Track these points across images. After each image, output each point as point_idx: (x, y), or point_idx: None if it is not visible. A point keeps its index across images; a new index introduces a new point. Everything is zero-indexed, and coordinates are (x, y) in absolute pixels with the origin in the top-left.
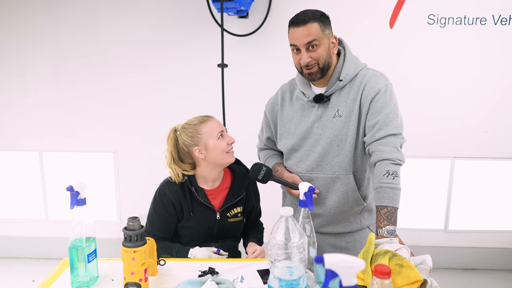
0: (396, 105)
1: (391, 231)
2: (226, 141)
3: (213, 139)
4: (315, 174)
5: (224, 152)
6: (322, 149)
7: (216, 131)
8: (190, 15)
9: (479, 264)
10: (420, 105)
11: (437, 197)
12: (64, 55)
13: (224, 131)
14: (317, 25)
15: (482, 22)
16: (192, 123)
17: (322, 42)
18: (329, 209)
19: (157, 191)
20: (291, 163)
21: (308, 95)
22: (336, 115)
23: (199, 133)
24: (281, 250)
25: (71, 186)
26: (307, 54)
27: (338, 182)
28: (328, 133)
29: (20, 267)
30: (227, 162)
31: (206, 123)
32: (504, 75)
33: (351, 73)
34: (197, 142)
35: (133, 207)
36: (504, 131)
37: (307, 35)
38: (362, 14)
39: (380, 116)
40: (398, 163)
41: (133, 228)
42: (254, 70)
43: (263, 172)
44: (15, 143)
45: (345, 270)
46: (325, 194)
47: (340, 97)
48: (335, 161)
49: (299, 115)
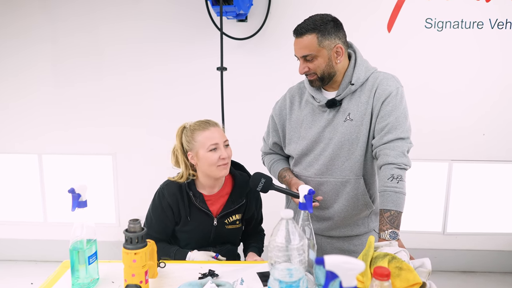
0: (405, 108)
1: (394, 234)
2: (218, 155)
3: (204, 149)
4: (325, 178)
5: (213, 165)
6: (332, 153)
7: (210, 142)
8: (190, 18)
9: (477, 267)
10: (418, 108)
11: (435, 200)
12: (62, 55)
13: (220, 144)
14: (313, 37)
15: (479, 26)
16: (192, 127)
17: (320, 54)
18: (338, 213)
19: (156, 193)
20: (301, 168)
21: (319, 99)
22: (347, 118)
23: (194, 140)
24: (281, 252)
25: (72, 189)
26: (304, 64)
27: (348, 186)
28: (339, 137)
29: (18, 270)
30: (216, 176)
31: (203, 131)
32: (501, 78)
33: (362, 76)
34: (191, 147)
35: (132, 209)
36: (501, 134)
37: (302, 48)
38: (360, 18)
39: (389, 119)
40: (403, 168)
41: (134, 230)
42: (253, 73)
43: (262, 184)
44: (14, 146)
45: (345, 272)
46: (334, 198)
47: (351, 100)
48: (345, 165)
49: (309, 120)
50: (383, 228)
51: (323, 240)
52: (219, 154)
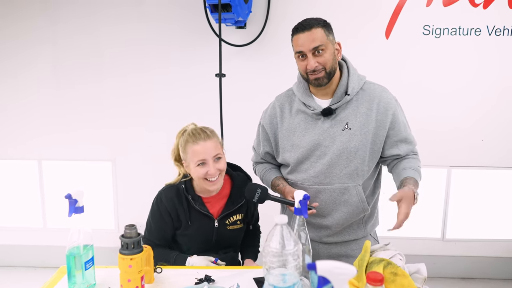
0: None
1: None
2: (205, 170)
3: (193, 163)
4: (323, 186)
5: (201, 179)
6: (331, 161)
7: (197, 158)
8: (190, 22)
9: (476, 273)
10: (415, 114)
11: (434, 206)
12: (62, 57)
13: (209, 160)
14: (321, 30)
15: (476, 32)
16: (186, 138)
17: (328, 47)
18: (337, 220)
19: (155, 199)
20: (298, 175)
21: (313, 107)
22: (346, 128)
23: (186, 151)
24: (276, 258)
25: (69, 194)
26: (314, 59)
27: (346, 193)
28: (337, 145)
29: (17, 276)
30: (206, 188)
31: (193, 144)
32: (500, 85)
33: (356, 86)
34: (184, 157)
35: (131, 215)
36: (500, 140)
37: (313, 40)
38: (358, 25)
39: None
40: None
41: (130, 235)
42: (251, 79)
43: (258, 195)
44: (14, 152)
45: (337, 277)
46: (332, 206)
47: (347, 110)
48: (343, 173)
49: (302, 128)
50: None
51: (320, 246)
52: (206, 169)
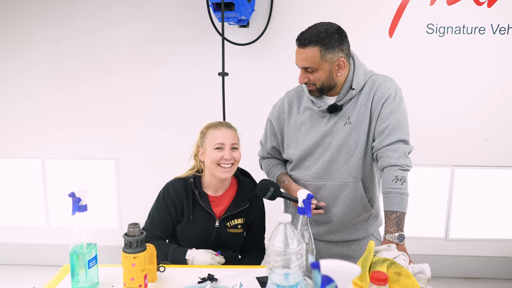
0: (405, 110)
1: (401, 237)
2: (221, 155)
3: (210, 146)
4: (323, 181)
5: (215, 163)
6: (331, 157)
7: (217, 141)
8: (193, 21)
9: (479, 273)
10: (419, 112)
11: (438, 206)
12: (64, 57)
13: (226, 145)
14: (316, 50)
15: (480, 31)
16: (208, 124)
17: (321, 67)
18: (337, 216)
19: (162, 190)
20: (299, 172)
21: (320, 104)
22: (347, 122)
23: (205, 136)
24: (279, 257)
25: (73, 193)
26: (304, 75)
27: (346, 189)
28: (338, 141)
29: (21, 274)
30: (217, 175)
31: (214, 129)
32: (503, 84)
33: (362, 80)
34: (201, 143)
35: (134, 214)
36: (504, 139)
37: (305, 59)
38: (362, 23)
39: (389, 121)
40: (406, 169)
41: (133, 234)
42: (254, 78)
43: (271, 192)
44: (17, 151)
45: (341, 276)
46: (333, 201)
47: (351, 104)
48: (344, 168)
49: (308, 125)
50: (391, 230)
51: (322, 245)
52: (222, 154)
